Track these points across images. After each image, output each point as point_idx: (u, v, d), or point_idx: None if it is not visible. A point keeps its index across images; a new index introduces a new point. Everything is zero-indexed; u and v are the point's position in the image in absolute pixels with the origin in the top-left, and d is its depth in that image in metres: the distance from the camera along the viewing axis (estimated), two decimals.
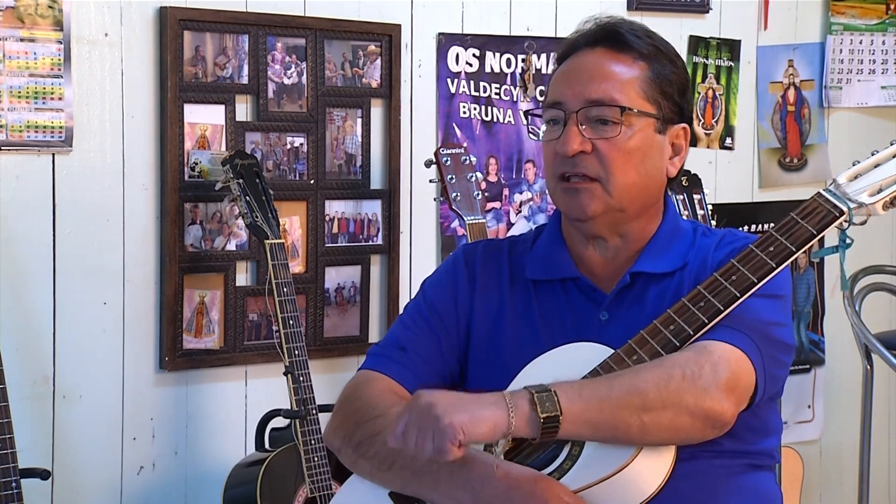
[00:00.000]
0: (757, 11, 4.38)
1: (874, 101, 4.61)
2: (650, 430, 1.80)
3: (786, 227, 1.92)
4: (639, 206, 2.02)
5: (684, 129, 2.06)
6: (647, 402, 1.79)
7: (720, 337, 1.88)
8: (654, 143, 2.01)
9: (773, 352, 1.93)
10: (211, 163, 3.30)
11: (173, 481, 3.32)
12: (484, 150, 3.80)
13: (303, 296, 3.44)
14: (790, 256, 1.90)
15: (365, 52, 3.56)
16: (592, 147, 1.98)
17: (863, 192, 1.94)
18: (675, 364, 1.83)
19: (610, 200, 1.98)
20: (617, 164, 1.97)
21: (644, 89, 2.00)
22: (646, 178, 2.01)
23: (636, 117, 1.98)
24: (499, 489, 1.83)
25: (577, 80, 2.01)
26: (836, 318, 4.47)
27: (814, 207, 1.93)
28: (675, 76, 2.04)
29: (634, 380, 1.81)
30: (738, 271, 1.90)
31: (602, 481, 1.81)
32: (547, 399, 1.77)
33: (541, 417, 1.76)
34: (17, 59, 3.05)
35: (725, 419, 1.84)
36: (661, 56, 2.04)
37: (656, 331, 1.88)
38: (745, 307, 1.90)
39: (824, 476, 4.67)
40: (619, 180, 1.98)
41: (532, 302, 2.07)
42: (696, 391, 1.81)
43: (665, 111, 2.02)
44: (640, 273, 2.02)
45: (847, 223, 1.94)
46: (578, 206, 1.99)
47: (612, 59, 2.01)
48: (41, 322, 3.12)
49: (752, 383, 1.89)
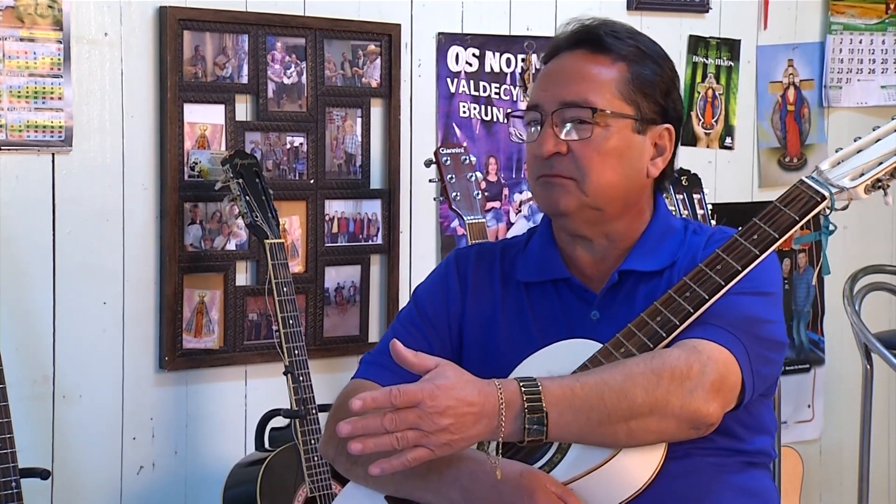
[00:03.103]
0: (757, 11, 4.38)
1: (874, 100, 4.61)
2: (636, 435, 1.82)
3: (769, 215, 1.93)
4: (619, 207, 2.03)
5: (668, 129, 2.05)
6: (634, 408, 1.80)
7: (709, 335, 1.88)
8: (632, 143, 2.01)
9: (762, 350, 1.93)
10: (211, 162, 3.30)
11: (173, 481, 3.32)
12: (484, 149, 3.80)
13: (303, 295, 3.45)
14: (773, 243, 1.91)
15: (365, 52, 3.57)
16: (567, 148, 1.99)
17: (844, 177, 1.95)
18: (665, 364, 1.83)
19: (584, 199, 1.99)
20: (592, 165, 1.98)
21: (621, 90, 2.00)
22: (623, 178, 2.01)
23: (612, 118, 1.99)
24: (487, 484, 1.84)
25: (554, 82, 2.04)
26: (836, 318, 4.47)
27: (796, 194, 1.95)
28: (659, 77, 2.04)
29: (625, 384, 1.81)
30: (722, 260, 1.91)
31: (590, 473, 1.82)
32: (537, 422, 1.77)
33: (526, 440, 1.79)
34: (17, 59, 3.05)
35: (710, 421, 1.85)
36: (644, 57, 2.03)
37: (643, 323, 1.89)
38: (734, 305, 1.91)
39: (824, 476, 4.67)
40: (594, 180, 1.98)
41: (524, 304, 2.07)
42: (682, 393, 1.82)
43: (645, 112, 2.02)
44: (629, 271, 2.03)
45: (829, 209, 1.94)
46: (553, 200, 2.00)
47: (589, 61, 2.02)
48: (41, 322, 3.12)
49: (738, 383, 1.89)
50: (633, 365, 1.84)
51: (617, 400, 1.80)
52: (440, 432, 1.73)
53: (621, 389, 1.80)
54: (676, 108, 2.07)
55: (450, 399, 1.73)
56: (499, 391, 1.77)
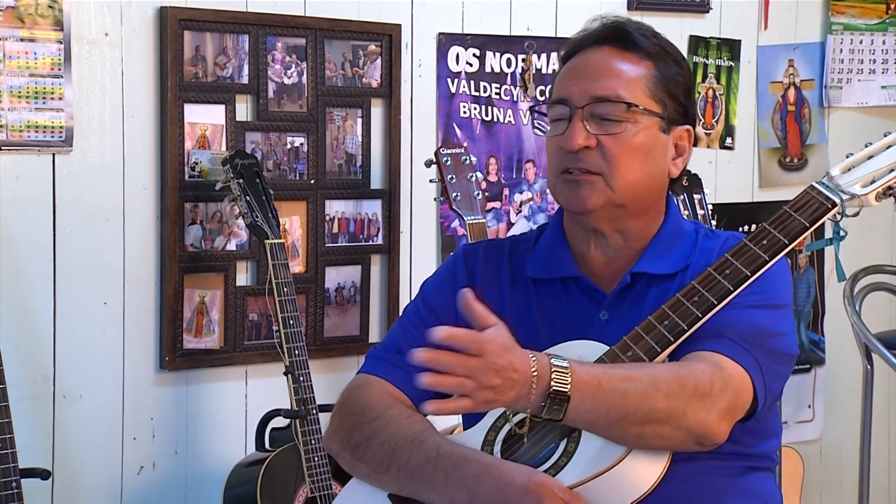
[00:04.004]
0: (757, 11, 4.38)
1: (874, 100, 4.61)
2: (646, 438, 1.83)
3: (779, 220, 1.93)
4: (640, 204, 2.03)
5: (688, 130, 2.06)
6: (653, 413, 1.81)
7: (726, 351, 1.88)
8: (658, 142, 2.02)
9: (775, 365, 1.94)
10: (211, 162, 3.30)
11: (173, 481, 3.32)
12: (484, 149, 3.80)
13: (303, 295, 3.45)
14: (783, 249, 1.91)
15: (365, 52, 3.56)
16: (597, 143, 1.98)
17: (855, 184, 1.94)
18: (692, 376, 1.84)
19: (611, 195, 1.99)
20: (621, 160, 1.98)
21: (650, 88, 2.01)
22: (648, 176, 2.01)
23: (641, 115, 1.99)
24: (493, 487, 1.84)
25: (584, 76, 2.02)
26: (836, 318, 4.47)
27: (806, 200, 1.94)
28: (681, 77, 2.05)
29: (649, 388, 1.81)
30: (731, 265, 1.91)
31: (596, 477, 1.82)
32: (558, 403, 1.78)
33: (543, 417, 1.79)
34: (18, 59, 3.05)
35: (716, 440, 1.86)
36: (668, 56, 2.04)
37: (651, 326, 1.89)
38: (750, 319, 1.91)
39: (824, 476, 4.67)
40: (622, 175, 1.98)
41: (532, 301, 2.07)
42: (700, 408, 1.82)
43: (670, 111, 2.02)
44: (641, 274, 2.02)
45: (840, 215, 1.94)
46: (579, 198, 2.00)
47: (618, 58, 2.02)
48: (41, 322, 3.12)
49: (749, 402, 1.90)
50: (660, 370, 1.85)
51: (639, 401, 1.80)
52: (488, 389, 1.75)
53: (645, 392, 1.81)
54: (695, 110, 2.08)
55: (504, 360, 1.76)
56: (532, 363, 1.78)
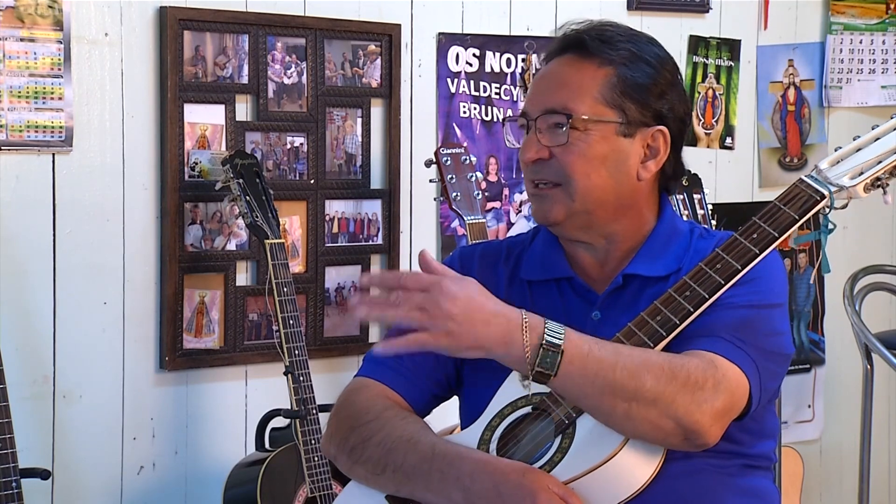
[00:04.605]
0: (757, 11, 4.38)
1: (874, 100, 4.61)
2: (633, 418, 1.82)
3: (768, 214, 1.94)
4: (610, 210, 2.03)
5: (661, 131, 2.04)
6: (640, 391, 1.80)
7: (723, 351, 1.88)
8: (617, 147, 2.01)
9: (770, 364, 1.94)
10: (211, 162, 3.30)
11: (173, 481, 3.32)
12: (484, 149, 3.80)
13: (303, 295, 3.45)
14: (773, 242, 1.92)
15: (365, 52, 3.57)
16: (550, 154, 2.01)
17: (844, 176, 1.95)
18: (684, 367, 1.84)
19: (572, 205, 2.00)
20: (575, 169, 1.99)
21: (604, 95, 2.00)
22: (610, 181, 2.01)
23: (593, 123, 1.99)
24: (489, 484, 1.84)
25: (540, 89, 2.06)
26: (836, 318, 4.47)
27: (796, 193, 1.95)
28: (652, 80, 2.03)
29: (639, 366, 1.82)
30: (722, 260, 1.92)
31: (590, 472, 1.83)
32: (551, 356, 1.80)
33: (533, 370, 1.80)
34: (17, 59, 3.05)
35: (706, 440, 1.86)
36: (636, 60, 2.02)
37: (643, 322, 1.90)
38: (744, 319, 1.91)
39: (824, 476, 4.67)
40: (580, 184, 2.00)
41: (528, 302, 2.07)
42: (690, 400, 1.82)
43: (633, 115, 2.01)
44: (633, 275, 2.03)
45: (829, 207, 1.94)
46: (542, 211, 2.04)
47: (573, 67, 2.03)
48: (41, 322, 3.12)
49: (743, 403, 1.90)
50: (653, 354, 1.85)
51: (627, 377, 1.81)
52: (445, 318, 1.76)
53: (635, 368, 1.81)
54: (674, 109, 2.05)
55: (461, 291, 1.78)
56: (522, 314, 1.81)
